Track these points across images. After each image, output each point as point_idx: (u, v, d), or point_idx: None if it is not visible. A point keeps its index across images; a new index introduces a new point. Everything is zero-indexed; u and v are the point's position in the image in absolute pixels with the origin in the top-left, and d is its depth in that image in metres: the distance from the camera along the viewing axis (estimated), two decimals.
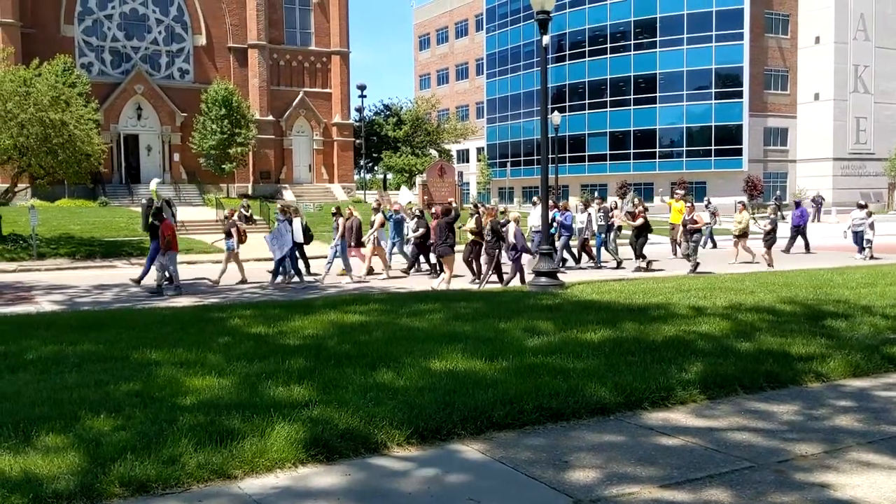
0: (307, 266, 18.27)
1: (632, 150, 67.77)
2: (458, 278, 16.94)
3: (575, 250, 21.28)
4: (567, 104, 69.31)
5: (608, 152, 69.21)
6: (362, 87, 56.09)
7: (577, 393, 6.05)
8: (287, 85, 54.64)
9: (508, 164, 72.46)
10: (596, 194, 33.15)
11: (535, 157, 71.01)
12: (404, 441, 5.14)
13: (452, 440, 5.28)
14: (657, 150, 66.75)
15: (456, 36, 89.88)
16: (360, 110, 58.39)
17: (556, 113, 36.76)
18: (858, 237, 23.33)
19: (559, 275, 14.31)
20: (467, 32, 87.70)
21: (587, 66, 69.97)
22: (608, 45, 68.42)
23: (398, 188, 74.19)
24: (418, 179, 45.94)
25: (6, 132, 22.44)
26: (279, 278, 17.10)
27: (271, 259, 19.68)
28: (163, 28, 51.27)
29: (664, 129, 66.60)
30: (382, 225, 19.12)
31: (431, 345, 7.86)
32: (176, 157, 50.73)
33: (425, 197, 39.98)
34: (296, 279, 17.25)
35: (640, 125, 67.19)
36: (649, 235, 20.48)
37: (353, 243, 18.35)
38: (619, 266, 20.27)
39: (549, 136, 18.24)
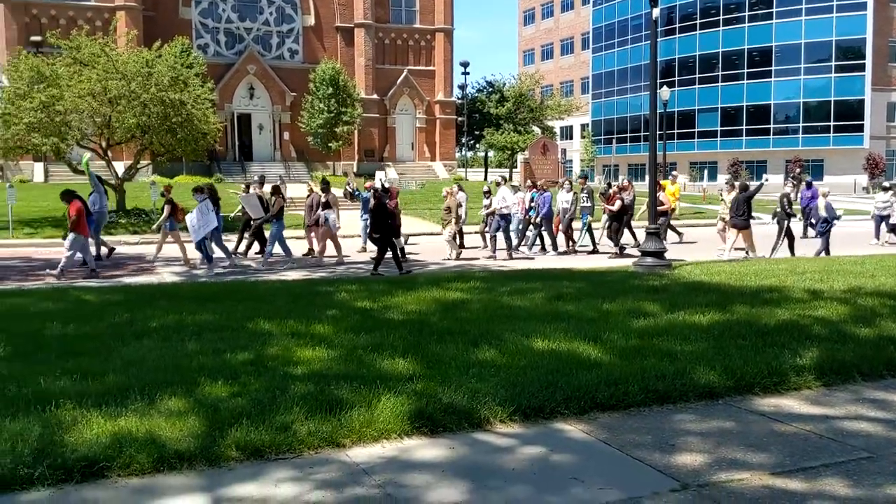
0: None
1: (744, 127, 65.01)
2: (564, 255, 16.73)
3: (561, 234, 19.46)
4: (676, 79, 67.02)
5: (719, 128, 66.65)
6: (465, 65, 56.02)
7: (684, 375, 5.93)
8: (391, 63, 55.21)
9: (614, 141, 70.94)
10: (576, 175, 30.69)
11: (643, 134, 69.23)
12: (507, 418, 5.18)
13: (555, 419, 5.28)
14: (771, 126, 63.79)
15: (561, 10, 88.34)
16: (462, 88, 58.39)
17: (664, 88, 35.65)
18: (883, 221, 21.00)
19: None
20: (573, 6, 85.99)
21: (698, 39, 67.40)
22: (721, 17, 65.66)
23: (499, 166, 74.09)
24: (520, 157, 45.64)
25: (130, 111, 23.60)
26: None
27: (358, 236, 19.95)
28: (274, 9, 52.68)
29: (779, 105, 63.54)
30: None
31: (533, 323, 7.85)
32: (286, 135, 52.25)
33: (526, 174, 39.69)
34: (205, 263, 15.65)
35: (754, 100, 64.31)
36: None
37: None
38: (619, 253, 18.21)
39: (658, 111, 17.28)
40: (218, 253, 16.27)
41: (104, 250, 17.18)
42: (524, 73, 72.10)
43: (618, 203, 17.85)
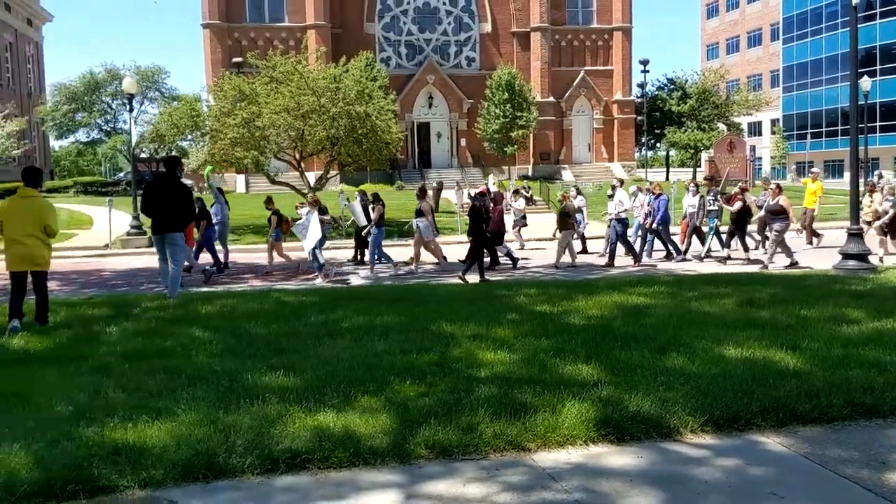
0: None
1: None
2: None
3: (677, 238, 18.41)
4: (878, 67, 61.60)
5: None
6: (645, 63, 54.51)
7: (895, 388, 5.44)
8: (568, 65, 54.86)
9: (808, 136, 66.32)
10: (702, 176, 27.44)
11: (840, 128, 64.18)
12: (698, 428, 4.98)
13: (750, 431, 5.02)
14: None
15: (748, 0, 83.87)
16: (642, 86, 56.89)
17: (865, 78, 32.89)
18: None
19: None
20: None
21: None
22: None
23: (681, 165, 71.39)
24: (704, 155, 43.77)
25: (320, 125, 25.06)
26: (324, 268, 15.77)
27: (550, 239, 19.83)
28: (452, 19, 53.97)
29: None
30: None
31: (724, 330, 7.51)
32: (462, 142, 53.34)
33: (711, 172, 37.95)
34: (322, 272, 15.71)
35: None
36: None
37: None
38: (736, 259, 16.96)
39: (859, 103, 15.74)
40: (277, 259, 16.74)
41: (222, 258, 17.60)
42: (707, 67, 69.09)
43: (738, 204, 16.54)
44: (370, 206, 17.11)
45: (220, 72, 31.54)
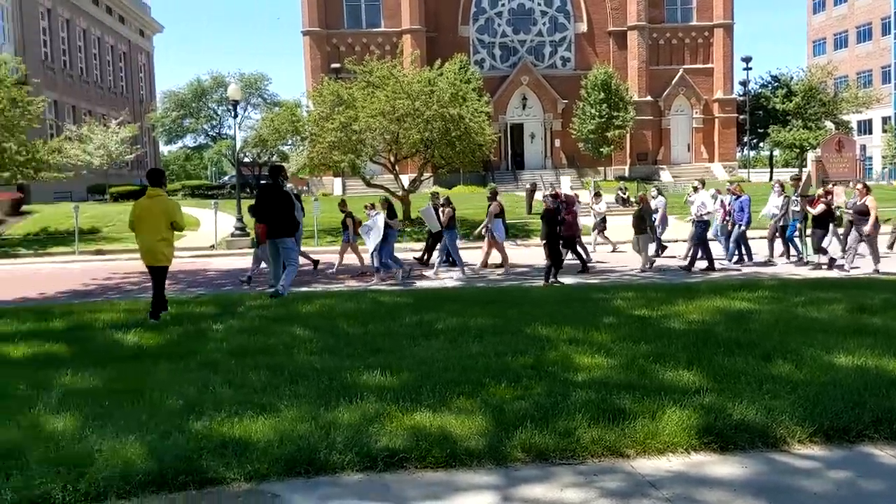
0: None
1: None
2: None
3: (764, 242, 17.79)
4: None
5: None
6: (747, 60, 52.85)
7: None
8: (666, 64, 53.69)
9: None
10: (791, 176, 25.55)
11: None
12: (806, 439, 4.79)
13: (862, 443, 4.79)
14: None
15: None
16: (744, 84, 55.08)
17: None
18: None
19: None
20: None
21: None
22: None
23: (786, 165, 68.63)
24: (810, 155, 41.91)
25: (415, 128, 25.39)
26: (393, 270, 16.10)
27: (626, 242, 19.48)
28: (547, 19, 53.68)
29: None
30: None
31: (833, 337, 7.18)
32: (557, 142, 52.94)
33: (818, 173, 36.33)
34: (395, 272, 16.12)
35: None
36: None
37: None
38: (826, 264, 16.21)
39: None
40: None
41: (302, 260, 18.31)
42: (815, 64, 66.23)
43: (820, 206, 15.78)
44: (440, 210, 17.28)
45: (319, 77, 32.39)
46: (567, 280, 14.74)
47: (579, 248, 17.22)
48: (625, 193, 34.33)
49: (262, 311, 10.01)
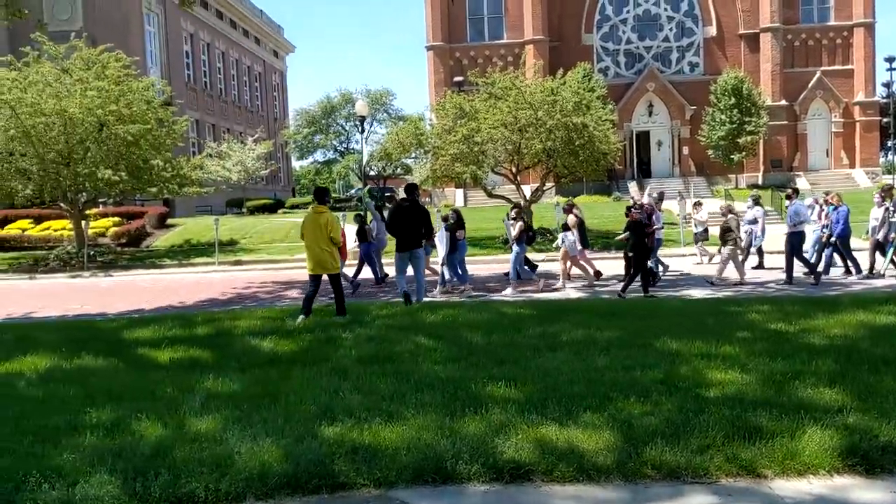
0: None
1: None
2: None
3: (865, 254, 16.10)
4: None
5: None
6: (890, 60, 49.55)
7: None
8: (801, 66, 51.12)
9: None
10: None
11: None
12: None
13: None
14: None
15: None
16: (887, 86, 51.80)
17: None
18: None
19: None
20: None
21: None
22: None
23: None
24: None
25: (537, 138, 25.27)
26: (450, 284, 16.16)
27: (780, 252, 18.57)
28: (673, 24, 52.31)
29: None
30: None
31: None
32: (685, 150, 51.40)
33: None
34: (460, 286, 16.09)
35: None
36: None
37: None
38: None
39: None
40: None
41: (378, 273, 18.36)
42: None
43: None
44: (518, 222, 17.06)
45: (442, 91, 32.85)
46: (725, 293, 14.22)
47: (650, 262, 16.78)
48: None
49: (387, 320, 10.23)
